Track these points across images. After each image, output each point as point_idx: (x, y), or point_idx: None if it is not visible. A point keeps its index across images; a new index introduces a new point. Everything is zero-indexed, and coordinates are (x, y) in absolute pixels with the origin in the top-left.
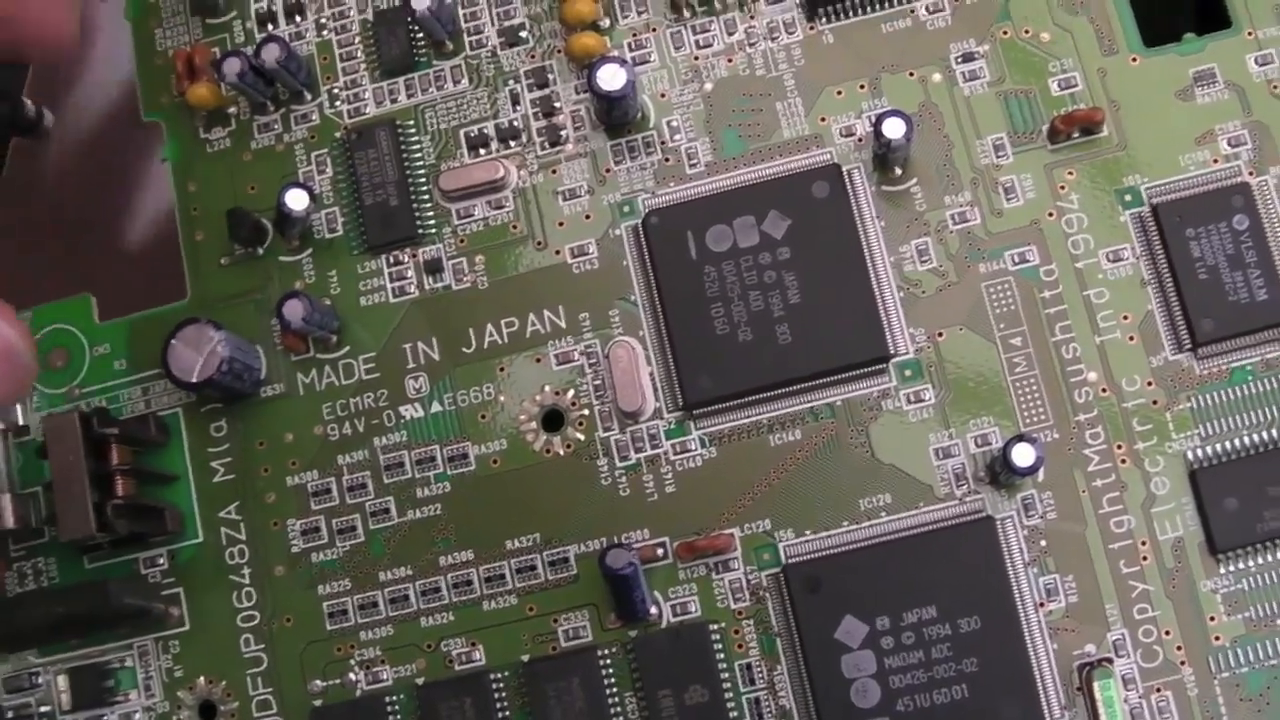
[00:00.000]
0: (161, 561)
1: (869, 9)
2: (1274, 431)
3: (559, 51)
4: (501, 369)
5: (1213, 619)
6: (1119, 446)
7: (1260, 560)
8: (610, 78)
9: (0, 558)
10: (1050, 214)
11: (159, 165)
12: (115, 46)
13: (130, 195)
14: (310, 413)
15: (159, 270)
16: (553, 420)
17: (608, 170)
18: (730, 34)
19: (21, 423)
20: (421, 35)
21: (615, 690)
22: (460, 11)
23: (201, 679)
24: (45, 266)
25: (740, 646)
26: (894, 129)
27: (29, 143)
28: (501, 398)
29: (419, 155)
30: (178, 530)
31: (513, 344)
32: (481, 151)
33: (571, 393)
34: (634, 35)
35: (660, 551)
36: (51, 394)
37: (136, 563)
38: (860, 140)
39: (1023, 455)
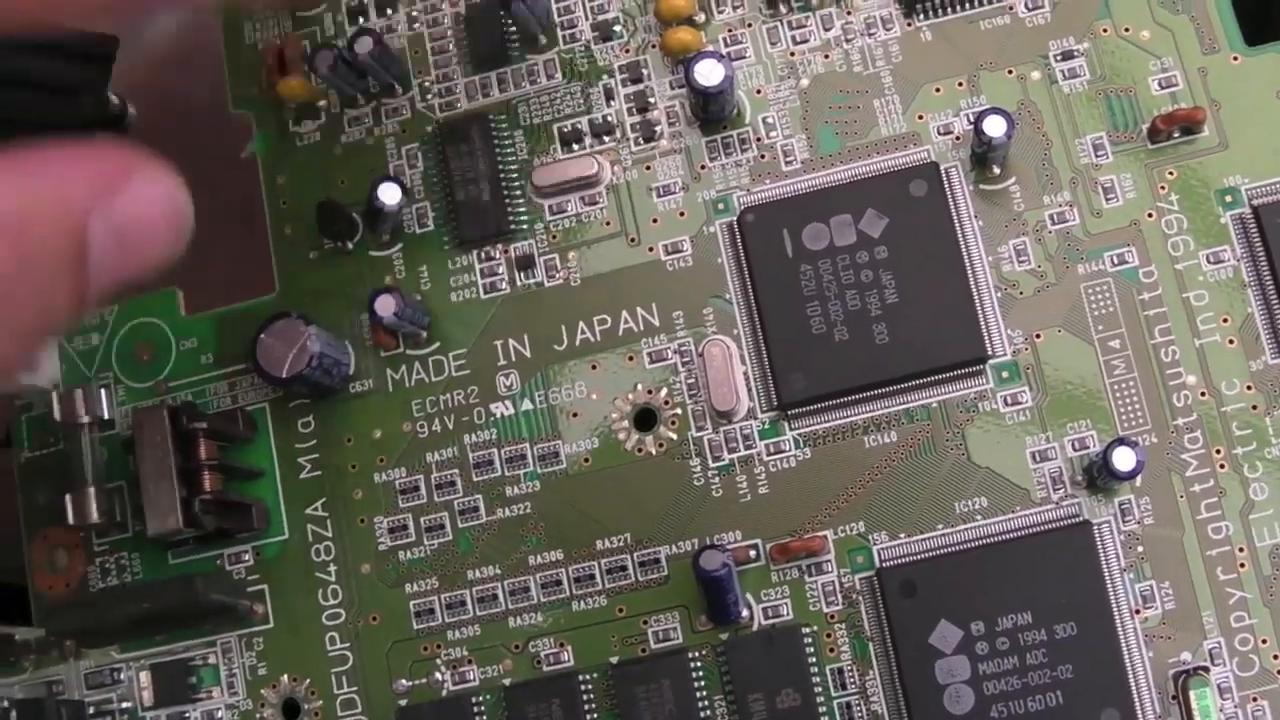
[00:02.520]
0: (246, 558)
1: (967, 5)
2: None
3: (654, 46)
4: (594, 367)
5: None
6: (1217, 451)
7: None
8: (708, 73)
9: (83, 552)
10: (1150, 215)
11: (247, 158)
12: (203, 38)
13: (217, 188)
14: (399, 409)
15: (247, 264)
16: (645, 419)
17: (703, 167)
18: (827, 29)
19: (106, 416)
20: (514, 29)
21: (705, 693)
22: (554, 5)
23: (285, 677)
24: None
25: (832, 650)
26: (995, 127)
27: (114, 137)
28: (593, 396)
29: (511, 150)
30: (264, 526)
31: (605, 342)
32: (575, 147)
33: (664, 391)
34: (729, 30)
35: (753, 553)
36: (138, 388)
37: (221, 558)
38: (958, 138)
39: (1124, 459)
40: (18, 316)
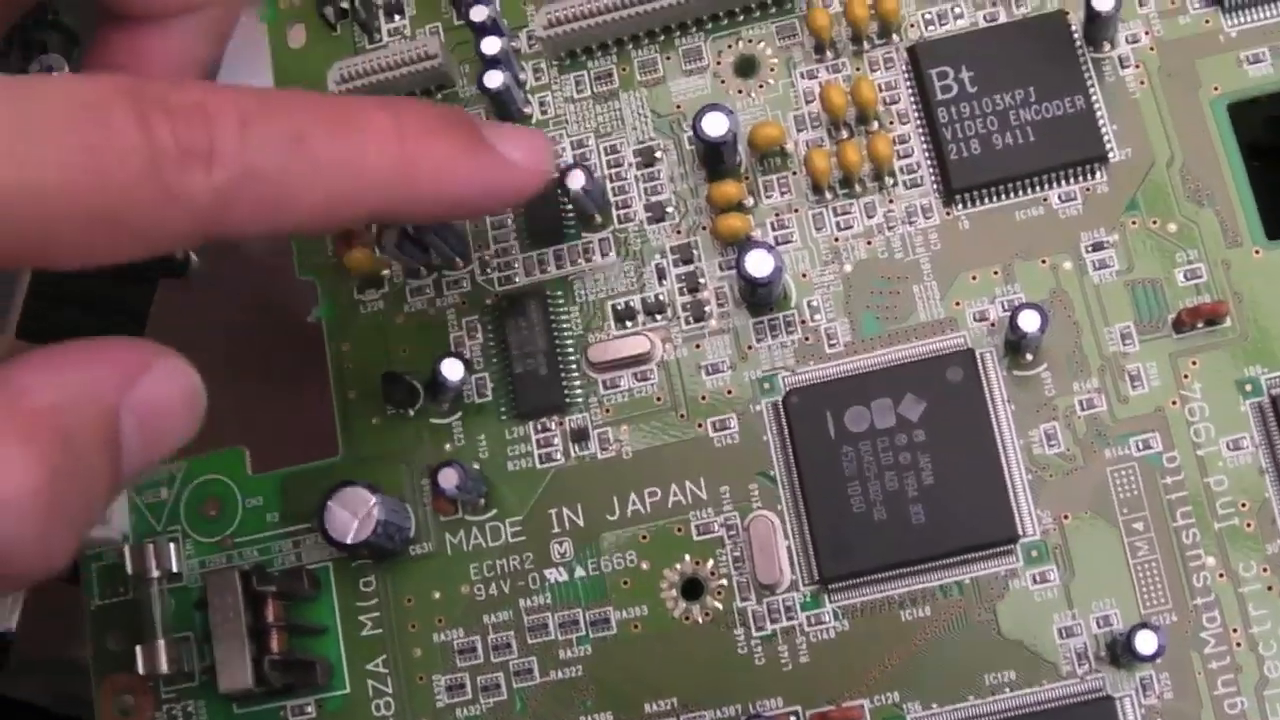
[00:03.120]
0: (309, 710)
1: (1004, 196)
2: None
3: (704, 229)
4: (644, 537)
5: None
6: (1234, 630)
7: None
8: (758, 264)
9: (151, 698)
10: (1174, 402)
11: (313, 322)
12: None
13: (282, 349)
14: (458, 572)
15: (311, 425)
16: (692, 589)
17: (749, 347)
18: (870, 217)
19: (175, 569)
20: (571, 207)
21: None
22: (609, 185)
23: None
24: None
25: None
26: (1030, 322)
27: (176, 284)
28: (644, 565)
29: (568, 325)
30: (326, 682)
31: (655, 513)
32: (628, 323)
33: (711, 563)
34: (776, 215)
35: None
36: (205, 542)
37: (284, 710)
38: (993, 325)
39: (1146, 642)
40: (67, 508)
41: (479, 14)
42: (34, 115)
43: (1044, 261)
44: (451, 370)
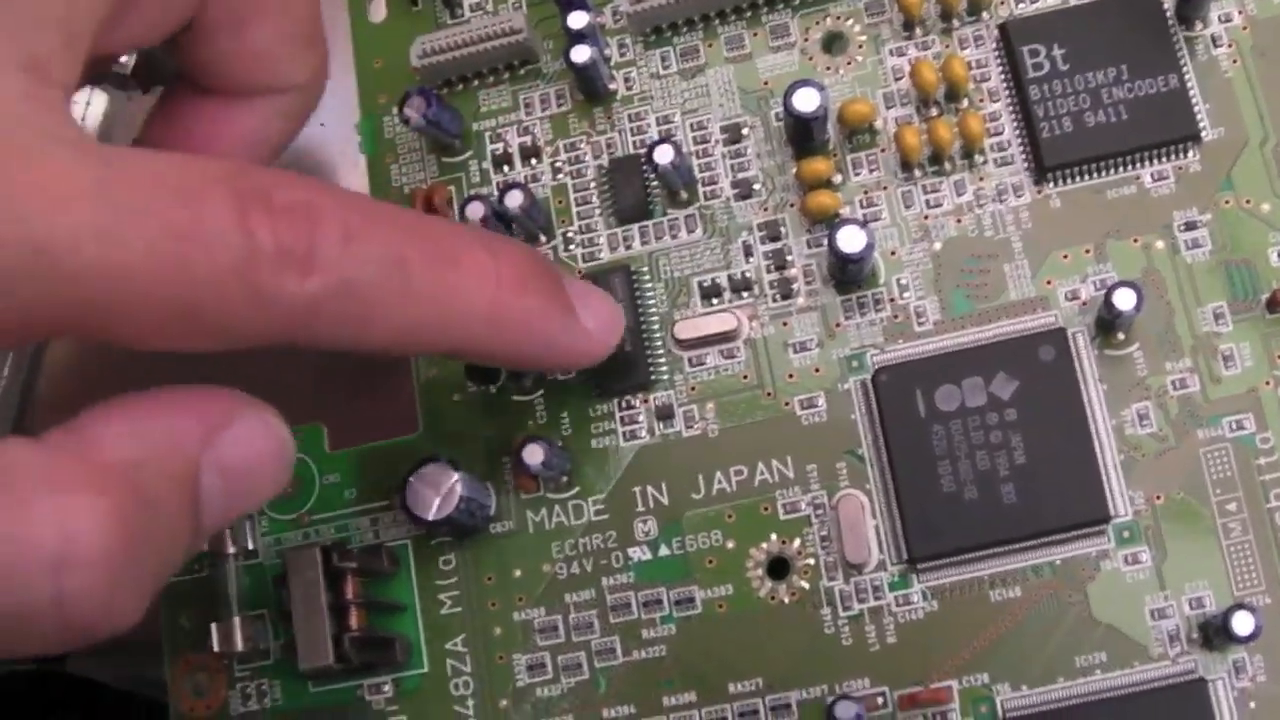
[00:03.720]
0: (386, 689)
1: (1095, 174)
2: None
3: (792, 206)
4: (729, 516)
5: None
6: None
7: None
8: (850, 240)
9: (225, 676)
10: (1267, 383)
11: None
12: (350, 182)
13: None
14: (539, 550)
15: (391, 402)
16: (778, 568)
17: (837, 325)
18: (959, 195)
19: (251, 547)
20: (656, 183)
21: None
22: (695, 162)
23: None
24: (278, 394)
25: None
26: (1125, 301)
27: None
28: (729, 544)
29: (653, 302)
30: (405, 660)
31: (741, 492)
32: (714, 301)
33: (798, 542)
34: (865, 193)
35: (880, 701)
36: (281, 520)
37: (361, 688)
38: (1084, 304)
39: (1243, 623)
40: (140, 568)
41: None
42: (123, 190)
43: (1136, 240)
44: None
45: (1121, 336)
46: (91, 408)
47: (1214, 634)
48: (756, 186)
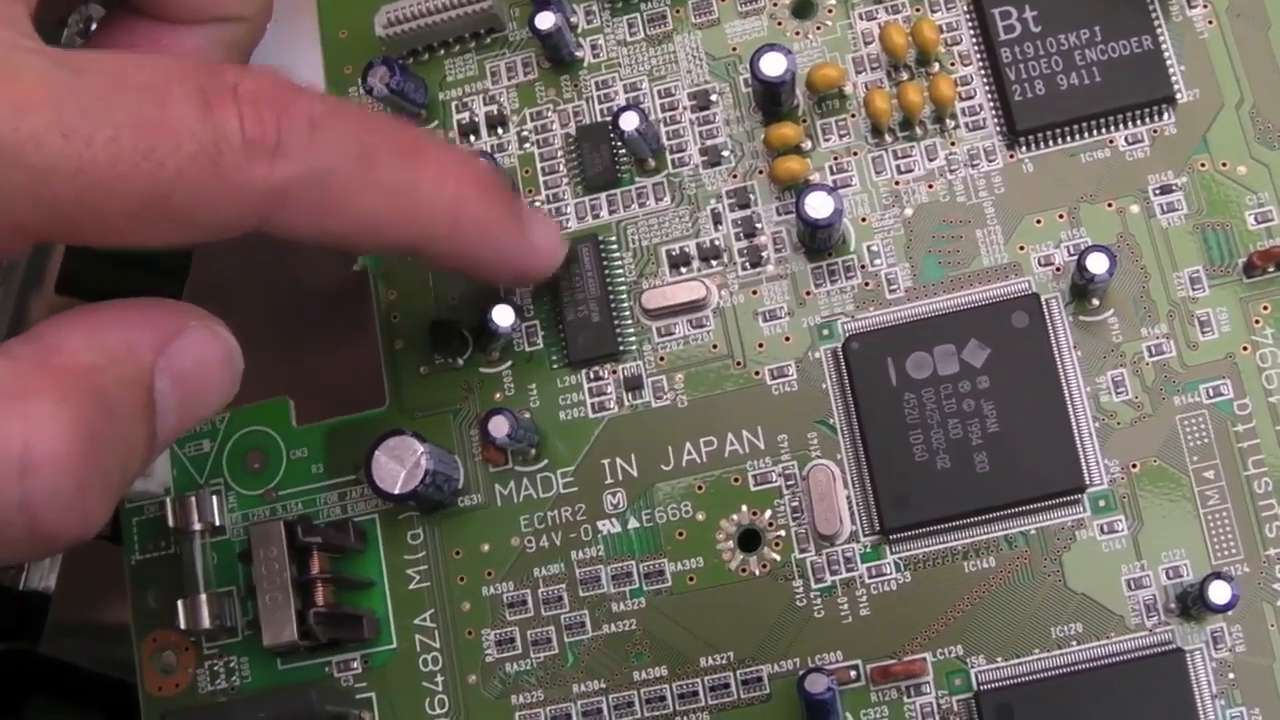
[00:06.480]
0: (355, 666)
1: (1069, 138)
2: None
3: (760, 173)
4: (699, 488)
5: None
6: None
7: None
8: (819, 206)
9: (193, 654)
10: (1245, 348)
11: (359, 271)
12: None
13: (328, 300)
14: (507, 524)
15: (358, 376)
16: (749, 540)
17: (808, 293)
18: (931, 160)
19: (218, 523)
20: (624, 151)
21: None
22: (663, 130)
23: None
24: (245, 368)
25: None
26: (1098, 264)
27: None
28: (699, 516)
29: (621, 271)
30: (373, 636)
31: (711, 463)
32: (683, 270)
33: (769, 513)
34: (835, 159)
35: (853, 674)
36: (248, 495)
37: (329, 665)
38: (1058, 269)
39: (1220, 592)
40: (103, 470)
41: None
42: (86, 90)
43: (1110, 205)
44: (502, 316)
45: (1096, 302)
46: (49, 319)
47: (1191, 604)
48: (725, 154)
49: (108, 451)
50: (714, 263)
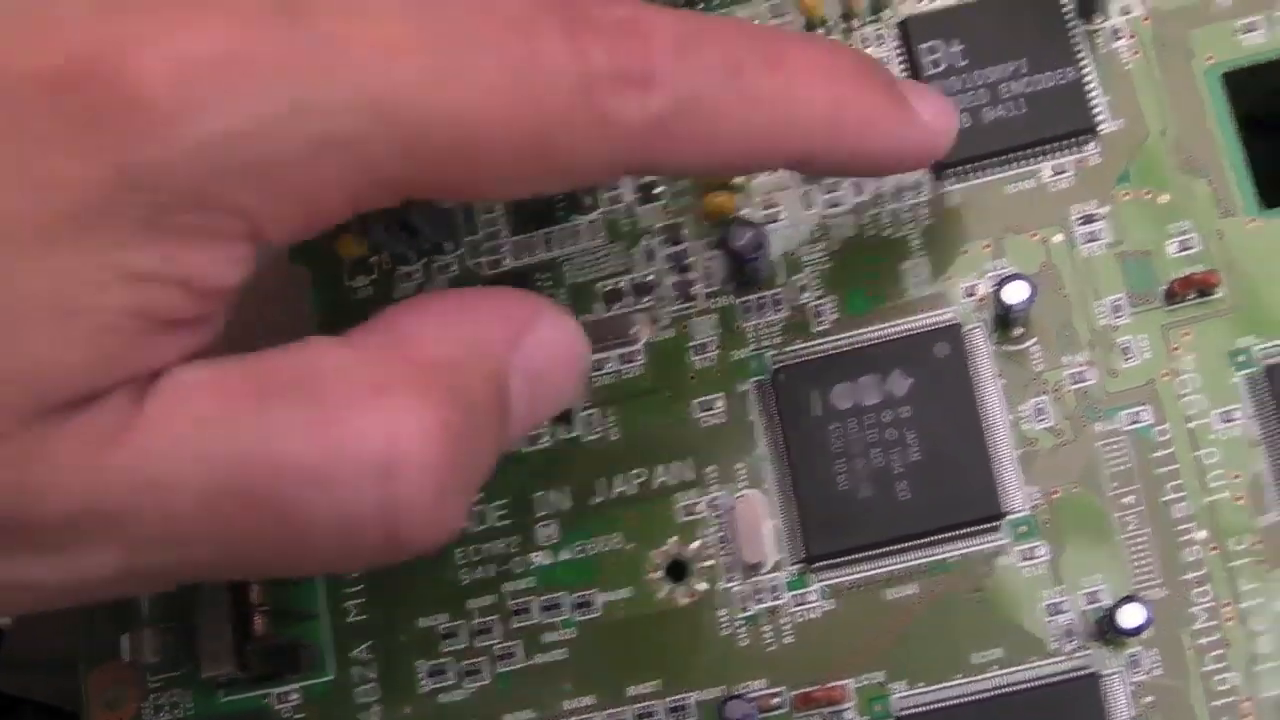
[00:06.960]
0: (294, 697)
1: (995, 170)
2: None
3: (691, 211)
4: (630, 520)
5: None
6: (1225, 605)
7: None
8: (742, 238)
9: (139, 689)
10: (1165, 375)
11: (302, 306)
12: None
13: (278, 334)
14: (444, 557)
15: None
16: (677, 570)
17: (737, 326)
18: (859, 194)
19: None
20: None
21: None
22: None
23: None
24: None
25: None
26: (1014, 294)
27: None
28: (629, 547)
29: None
30: (312, 667)
31: (641, 495)
32: (616, 306)
33: (697, 544)
34: (765, 194)
35: (776, 700)
36: None
37: (269, 697)
38: (982, 300)
39: (1131, 616)
40: (462, 475)
41: None
42: (452, 33)
43: (1034, 235)
44: None
45: (1019, 331)
46: (395, 306)
47: (1107, 628)
48: (658, 190)
49: (469, 454)
50: (646, 298)
